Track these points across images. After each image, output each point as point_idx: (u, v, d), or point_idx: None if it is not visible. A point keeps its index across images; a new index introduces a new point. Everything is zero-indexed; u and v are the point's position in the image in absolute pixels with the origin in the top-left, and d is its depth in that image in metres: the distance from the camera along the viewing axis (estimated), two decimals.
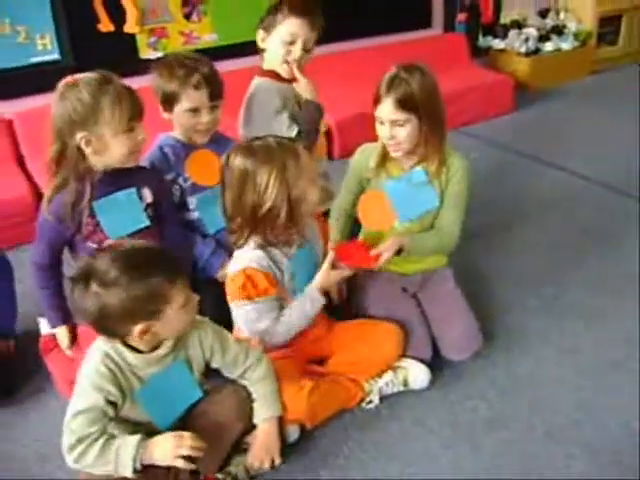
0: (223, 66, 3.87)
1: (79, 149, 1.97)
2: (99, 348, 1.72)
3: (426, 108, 2.19)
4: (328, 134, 3.97)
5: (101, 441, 1.66)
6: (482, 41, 5.44)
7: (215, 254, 2.33)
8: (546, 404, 2.17)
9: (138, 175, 2.16)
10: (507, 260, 2.99)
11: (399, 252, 2.24)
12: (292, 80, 2.50)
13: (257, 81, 2.56)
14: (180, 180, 2.36)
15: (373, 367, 2.18)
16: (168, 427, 1.82)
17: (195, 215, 2.39)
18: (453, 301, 2.40)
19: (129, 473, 1.66)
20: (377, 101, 2.21)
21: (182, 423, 1.89)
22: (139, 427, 1.80)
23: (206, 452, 1.79)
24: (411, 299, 2.42)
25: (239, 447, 1.97)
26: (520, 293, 2.74)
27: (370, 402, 2.17)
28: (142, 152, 2.13)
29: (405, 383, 2.21)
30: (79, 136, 1.95)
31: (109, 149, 1.99)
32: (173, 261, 1.69)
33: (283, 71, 2.51)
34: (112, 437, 1.69)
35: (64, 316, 2.18)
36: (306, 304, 2.04)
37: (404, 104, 2.16)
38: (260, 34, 2.51)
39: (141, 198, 2.15)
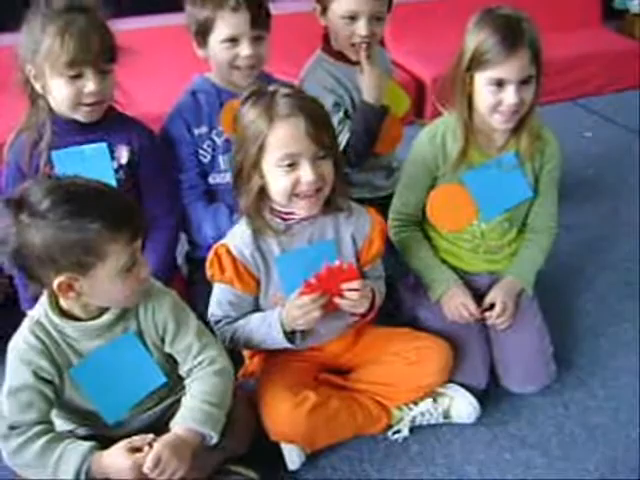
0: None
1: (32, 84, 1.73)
2: (31, 315, 1.43)
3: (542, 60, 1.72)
4: (421, 93, 3.50)
5: (44, 439, 1.37)
6: (618, 2, 4.74)
7: None
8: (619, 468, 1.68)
9: (117, 128, 1.82)
10: (603, 270, 2.43)
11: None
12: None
13: (315, 59, 2.14)
14: (213, 134, 1.96)
15: (407, 393, 1.74)
16: (118, 420, 1.50)
17: (226, 177, 1.98)
18: (525, 317, 1.91)
19: None
20: (492, 59, 1.67)
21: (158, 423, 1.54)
22: (91, 418, 1.49)
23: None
24: None
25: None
26: (616, 315, 2.20)
27: (397, 432, 1.75)
28: (97, 107, 1.76)
29: (447, 415, 1.77)
30: (28, 68, 1.70)
31: (50, 90, 1.71)
32: (126, 209, 1.35)
33: (350, 54, 2.06)
34: (59, 438, 1.39)
35: None
36: (267, 331, 1.62)
37: (536, 53, 1.68)
38: (317, 9, 2.06)
39: (113, 156, 1.81)
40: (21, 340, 1.40)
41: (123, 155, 1.84)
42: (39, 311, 1.42)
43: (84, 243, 1.28)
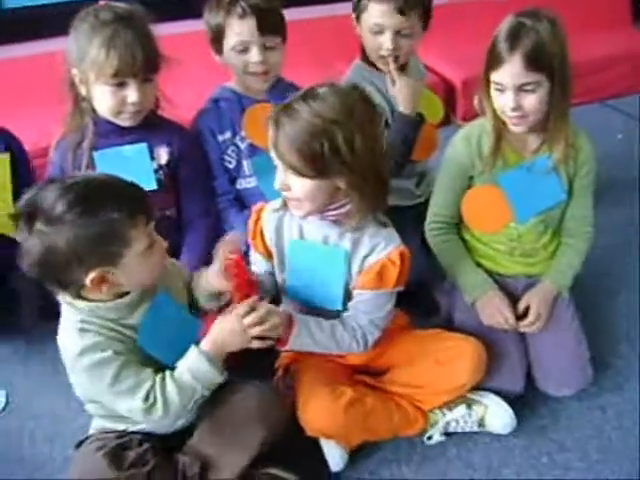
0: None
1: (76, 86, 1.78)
2: (71, 320, 1.41)
3: (559, 67, 1.69)
4: (452, 94, 3.51)
5: (168, 380, 1.42)
6: None
7: None
8: None
9: (157, 130, 1.87)
10: (638, 272, 2.40)
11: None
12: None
13: (354, 68, 2.15)
14: (237, 140, 1.99)
15: (440, 394, 1.74)
16: None
17: (251, 182, 2.02)
18: (561, 321, 1.91)
19: (221, 379, 1.46)
20: (495, 62, 1.70)
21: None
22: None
23: (221, 453, 1.52)
24: None
25: (264, 472, 1.59)
26: None
27: (430, 437, 1.75)
28: (138, 114, 1.82)
29: (481, 423, 1.76)
30: (74, 71, 1.75)
31: (94, 96, 1.76)
32: (136, 195, 1.38)
33: (380, 65, 2.07)
34: (171, 373, 1.44)
35: None
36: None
37: (535, 61, 1.66)
38: (353, 19, 2.08)
39: (153, 157, 1.86)
40: (81, 343, 1.37)
41: (162, 156, 1.89)
42: (75, 314, 1.41)
43: (108, 235, 1.31)
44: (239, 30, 1.88)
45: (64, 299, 1.42)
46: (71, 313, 1.42)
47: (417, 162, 2.18)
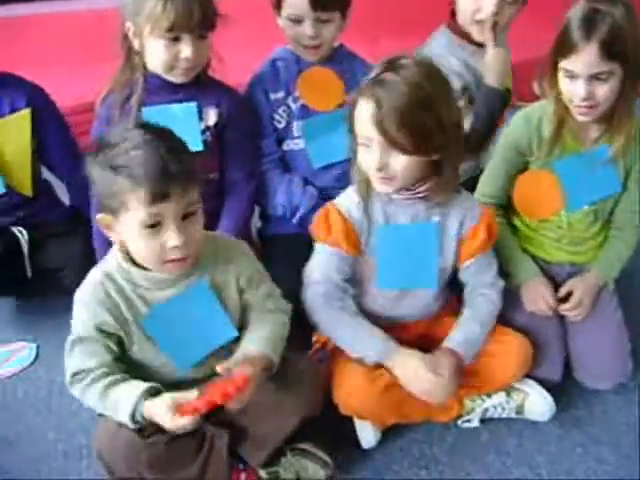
0: None
1: (129, 40, 1.76)
2: (102, 266, 1.46)
3: (633, 54, 1.61)
4: None
5: (102, 384, 1.39)
6: None
7: (314, 211, 1.74)
8: None
9: (208, 90, 1.85)
10: None
11: None
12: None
13: (440, 37, 2.04)
14: (289, 100, 1.96)
15: (482, 385, 1.71)
16: (191, 370, 1.50)
17: (299, 144, 1.99)
18: (605, 312, 1.87)
19: (130, 425, 1.38)
20: (567, 50, 1.62)
21: None
22: (159, 375, 1.48)
23: (259, 428, 1.52)
24: None
25: (294, 447, 1.59)
26: None
27: (467, 421, 1.73)
28: (190, 70, 1.79)
29: (519, 411, 1.74)
30: (127, 24, 1.73)
31: (146, 51, 1.74)
32: (160, 173, 1.30)
33: (474, 32, 1.97)
34: (116, 382, 1.40)
35: None
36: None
37: (611, 50, 1.58)
38: None
39: (201, 117, 1.83)
40: (89, 293, 1.42)
41: (211, 117, 1.86)
42: (110, 263, 1.44)
43: (112, 189, 1.32)
44: (292, 2, 1.85)
45: (114, 240, 1.43)
46: (109, 259, 1.45)
47: None
